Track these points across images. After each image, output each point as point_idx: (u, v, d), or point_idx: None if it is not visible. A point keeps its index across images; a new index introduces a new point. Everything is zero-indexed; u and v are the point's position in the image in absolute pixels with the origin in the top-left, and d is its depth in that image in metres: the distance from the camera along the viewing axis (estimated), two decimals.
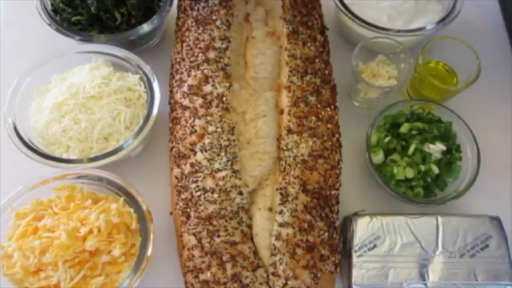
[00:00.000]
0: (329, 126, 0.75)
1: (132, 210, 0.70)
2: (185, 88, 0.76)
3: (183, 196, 0.71)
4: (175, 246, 0.74)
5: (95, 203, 0.70)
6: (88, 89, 0.77)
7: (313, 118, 0.74)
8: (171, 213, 0.76)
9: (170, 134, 0.78)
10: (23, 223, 0.67)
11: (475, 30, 0.99)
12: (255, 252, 0.68)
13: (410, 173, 0.77)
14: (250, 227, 0.69)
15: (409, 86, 0.91)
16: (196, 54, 0.77)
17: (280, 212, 0.68)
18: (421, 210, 0.76)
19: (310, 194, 0.69)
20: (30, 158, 0.73)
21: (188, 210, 0.69)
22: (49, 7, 0.86)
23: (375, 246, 0.70)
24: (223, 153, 0.70)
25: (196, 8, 0.82)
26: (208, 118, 0.72)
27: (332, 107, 0.78)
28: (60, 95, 0.77)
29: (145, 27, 0.84)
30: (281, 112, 0.76)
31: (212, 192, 0.68)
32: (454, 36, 0.86)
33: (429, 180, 0.77)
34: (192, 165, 0.71)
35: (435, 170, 0.77)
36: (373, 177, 0.80)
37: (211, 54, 0.77)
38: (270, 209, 0.69)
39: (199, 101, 0.74)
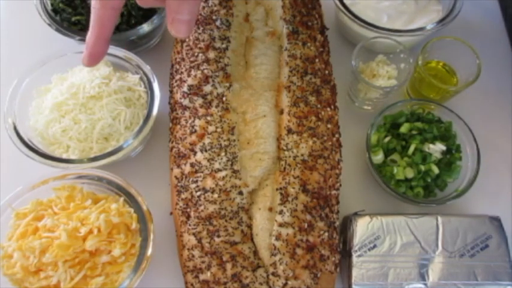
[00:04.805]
0: (329, 126, 0.75)
1: (132, 210, 0.70)
2: (185, 88, 0.76)
3: (183, 196, 0.71)
4: (175, 246, 0.74)
5: (95, 203, 0.70)
6: (88, 89, 0.77)
7: (313, 118, 0.74)
8: (171, 213, 0.76)
9: (170, 134, 0.78)
10: (23, 223, 0.67)
11: (475, 30, 0.99)
12: (255, 252, 0.68)
13: (410, 173, 0.77)
14: (250, 227, 0.69)
15: (409, 86, 0.91)
16: (196, 54, 0.77)
17: (280, 212, 0.68)
18: (421, 210, 0.76)
19: (310, 194, 0.69)
20: (30, 158, 0.73)
21: (188, 210, 0.69)
22: (49, 7, 0.86)
23: (374, 246, 0.70)
24: (223, 153, 0.70)
25: None
26: (208, 118, 0.72)
27: (332, 107, 0.78)
28: (60, 95, 0.77)
29: (145, 27, 0.85)
30: (281, 112, 0.76)
31: (212, 192, 0.68)
32: (454, 36, 0.86)
33: (429, 180, 0.77)
34: (192, 165, 0.71)
35: (435, 170, 0.77)
36: (373, 177, 0.80)
37: (211, 54, 0.77)
38: (270, 209, 0.69)
39: (199, 101, 0.74)
